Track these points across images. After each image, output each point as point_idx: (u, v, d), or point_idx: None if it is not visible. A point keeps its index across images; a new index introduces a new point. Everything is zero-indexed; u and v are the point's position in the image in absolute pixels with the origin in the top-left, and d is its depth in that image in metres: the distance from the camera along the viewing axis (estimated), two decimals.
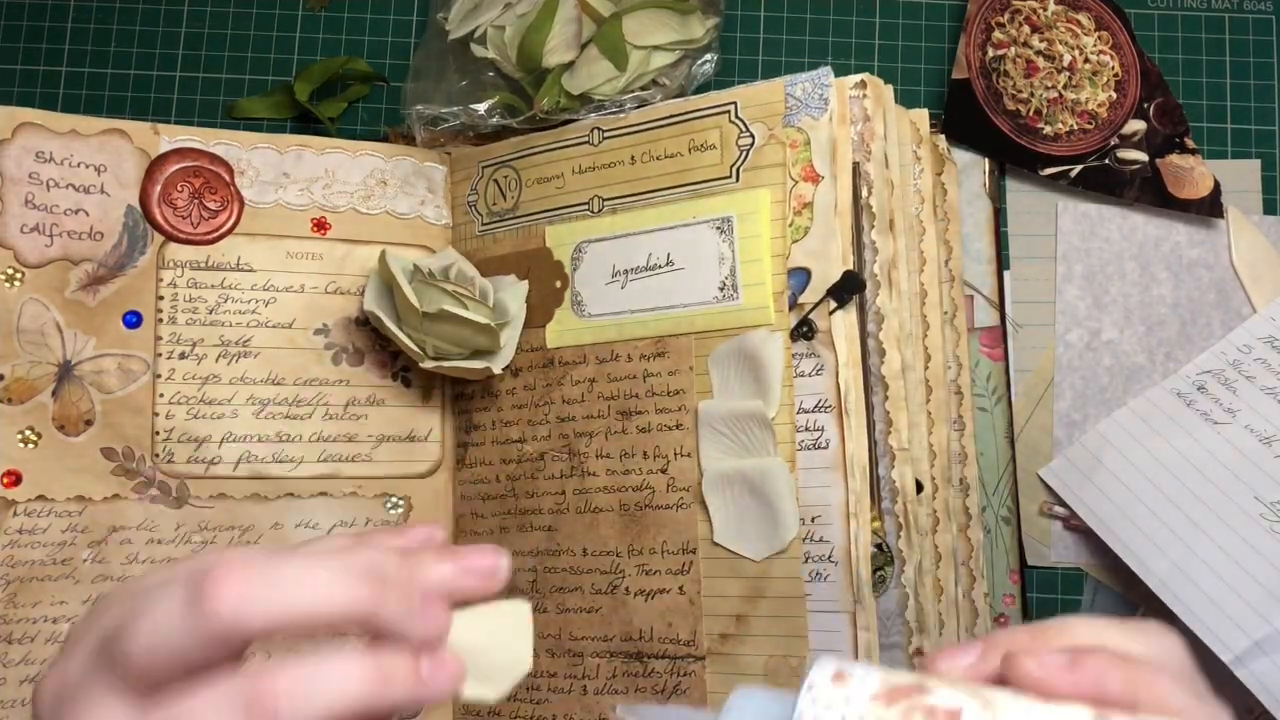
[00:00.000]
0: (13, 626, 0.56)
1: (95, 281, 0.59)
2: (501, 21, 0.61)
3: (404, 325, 0.58)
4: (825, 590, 0.51)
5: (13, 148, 0.58)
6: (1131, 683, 0.31)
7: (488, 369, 0.58)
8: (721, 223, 0.55)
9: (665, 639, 0.54)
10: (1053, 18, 0.64)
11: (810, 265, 0.53)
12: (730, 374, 0.54)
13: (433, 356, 0.58)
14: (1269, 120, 0.65)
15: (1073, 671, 0.31)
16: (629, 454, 0.56)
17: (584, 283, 0.58)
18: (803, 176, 0.54)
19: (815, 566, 0.52)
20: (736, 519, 0.53)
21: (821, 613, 0.52)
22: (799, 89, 0.54)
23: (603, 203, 0.58)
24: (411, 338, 0.57)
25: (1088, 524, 0.59)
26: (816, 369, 0.53)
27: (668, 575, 0.54)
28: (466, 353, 0.59)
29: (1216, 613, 0.54)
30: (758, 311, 0.54)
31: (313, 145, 0.62)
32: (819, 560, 0.52)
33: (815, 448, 0.52)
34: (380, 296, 0.59)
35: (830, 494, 0.52)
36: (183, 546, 0.58)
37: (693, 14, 0.61)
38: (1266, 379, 0.60)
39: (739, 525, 0.53)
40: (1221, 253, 0.63)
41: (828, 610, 0.51)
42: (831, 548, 0.52)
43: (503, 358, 0.59)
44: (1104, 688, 0.31)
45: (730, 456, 0.54)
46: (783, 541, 0.52)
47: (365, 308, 0.58)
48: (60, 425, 0.58)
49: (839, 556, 0.51)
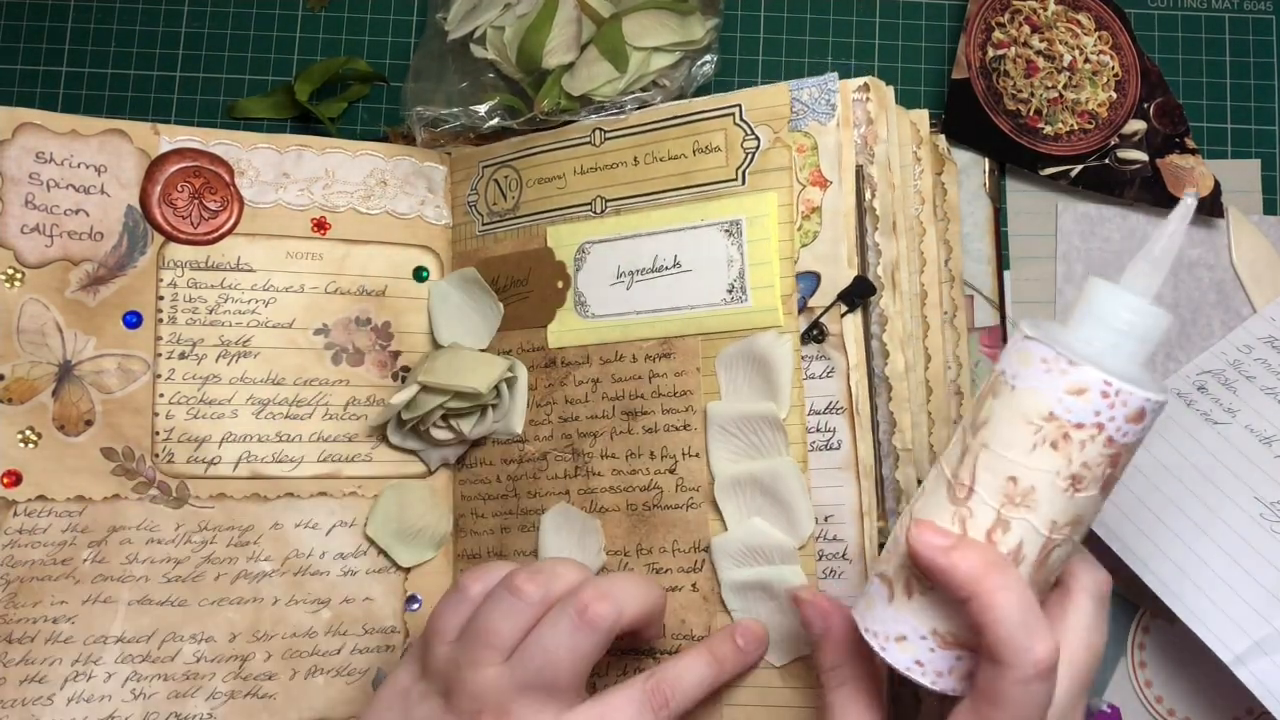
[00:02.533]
0: (13, 626, 0.56)
1: (95, 282, 0.59)
2: (501, 22, 0.61)
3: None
4: (839, 587, 0.52)
5: (13, 148, 0.58)
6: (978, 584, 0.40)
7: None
8: (730, 226, 0.55)
9: (679, 635, 0.54)
10: (1053, 18, 0.64)
11: (819, 269, 0.54)
12: (739, 376, 0.54)
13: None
14: (1269, 120, 0.66)
15: (945, 554, 0.40)
16: (635, 454, 0.56)
17: (587, 283, 0.58)
18: (810, 181, 0.54)
19: (829, 564, 0.52)
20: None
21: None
22: (805, 94, 0.55)
23: (605, 203, 0.58)
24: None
25: None
26: (827, 371, 0.53)
27: (679, 573, 0.55)
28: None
29: (1216, 613, 0.54)
30: (767, 314, 0.54)
31: (312, 145, 0.62)
32: (833, 558, 0.52)
33: (827, 448, 0.53)
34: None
35: (843, 493, 0.52)
36: (183, 547, 0.58)
37: (692, 15, 0.61)
38: (1266, 379, 0.60)
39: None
40: (1221, 253, 0.63)
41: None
42: (845, 546, 0.52)
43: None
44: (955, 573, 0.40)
45: (741, 458, 0.54)
46: (799, 539, 0.52)
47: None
48: (60, 425, 0.58)
49: (853, 554, 0.52)
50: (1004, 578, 0.39)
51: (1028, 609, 0.39)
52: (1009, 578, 0.40)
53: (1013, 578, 0.40)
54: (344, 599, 0.60)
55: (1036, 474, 0.40)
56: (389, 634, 0.60)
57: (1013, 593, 0.39)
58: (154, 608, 0.58)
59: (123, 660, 0.57)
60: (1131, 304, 0.40)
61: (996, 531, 0.41)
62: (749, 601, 0.53)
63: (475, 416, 0.59)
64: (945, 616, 0.42)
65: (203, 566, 0.58)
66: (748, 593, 0.53)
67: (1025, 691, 0.39)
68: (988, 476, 0.41)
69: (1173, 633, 0.60)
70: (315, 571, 0.60)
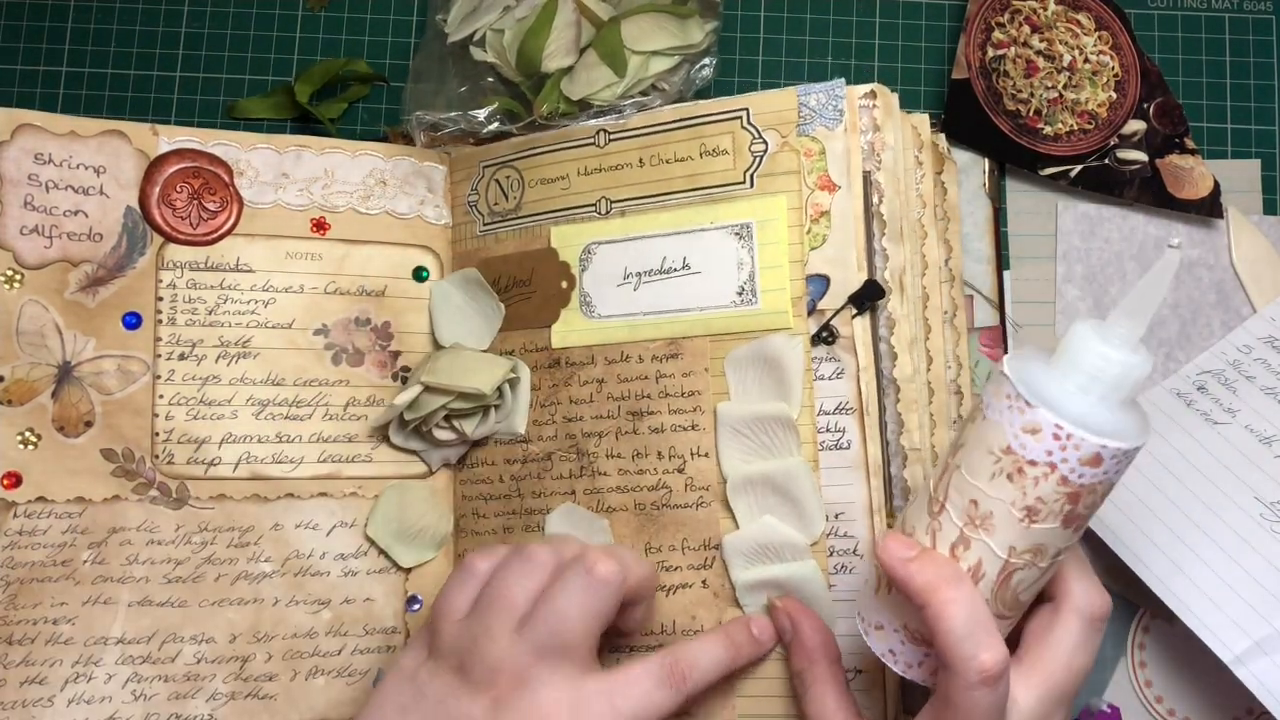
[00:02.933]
0: (13, 628, 0.56)
1: (95, 283, 0.58)
2: (500, 25, 0.61)
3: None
4: (850, 581, 0.53)
5: (12, 149, 0.58)
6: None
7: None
8: (741, 229, 0.55)
9: (689, 631, 0.55)
10: (1053, 18, 0.64)
11: (829, 272, 0.54)
12: (749, 376, 0.55)
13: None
14: (1269, 120, 0.66)
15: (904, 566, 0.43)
16: (642, 454, 0.56)
17: (593, 283, 0.58)
18: (819, 185, 0.55)
19: (840, 560, 0.54)
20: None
21: (846, 601, 0.54)
22: (813, 99, 0.55)
23: (611, 204, 0.58)
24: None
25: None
26: (836, 373, 0.54)
27: (689, 570, 0.55)
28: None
29: (1216, 613, 0.54)
30: (777, 316, 0.54)
31: (312, 145, 0.62)
32: (844, 554, 0.54)
33: (837, 448, 0.54)
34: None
35: (852, 492, 0.53)
36: (183, 547, 0.58)
37: (691, 18, 0.60)
38: (1266, 379, 0.60)
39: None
40: (1221, 253, 0.63)
41: (852, 600, 0.53)
42: (856, 542, 0.53)
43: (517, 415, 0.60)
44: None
45: (753, 458, 0.54)
46: (811, 536, 0.53)
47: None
48: (60, 426, 0.57)
49: (864, 550, 0.53)
50: (956, 591, 0.42)
51: (977, 621, 0.42)
52: (961, 591, 0.42)
53: (965, 591, 0.42)
54: (344, 599, 0.60)
55: (994, 501, 0.42)
56: (390, 634, 0.60)
57: (962, 605, 0.42)
58: (154, 609, 0.57)
59: (123, 661, 0.57)
60: (1105, 352, 0.42)
61: (959, 548, 0.44)
62: (762, 598, 0.54)
63: (478, 417, 0.59)
64: (912, 614, 0.45)
65: (203, 567, 0.58)
66: (760, 590, 0.54)
67: (970, 697, 0.42)
68: (956, 496, 0.44)
69: (1173, 633, 0.60)
70: (316, 572, 0.60)
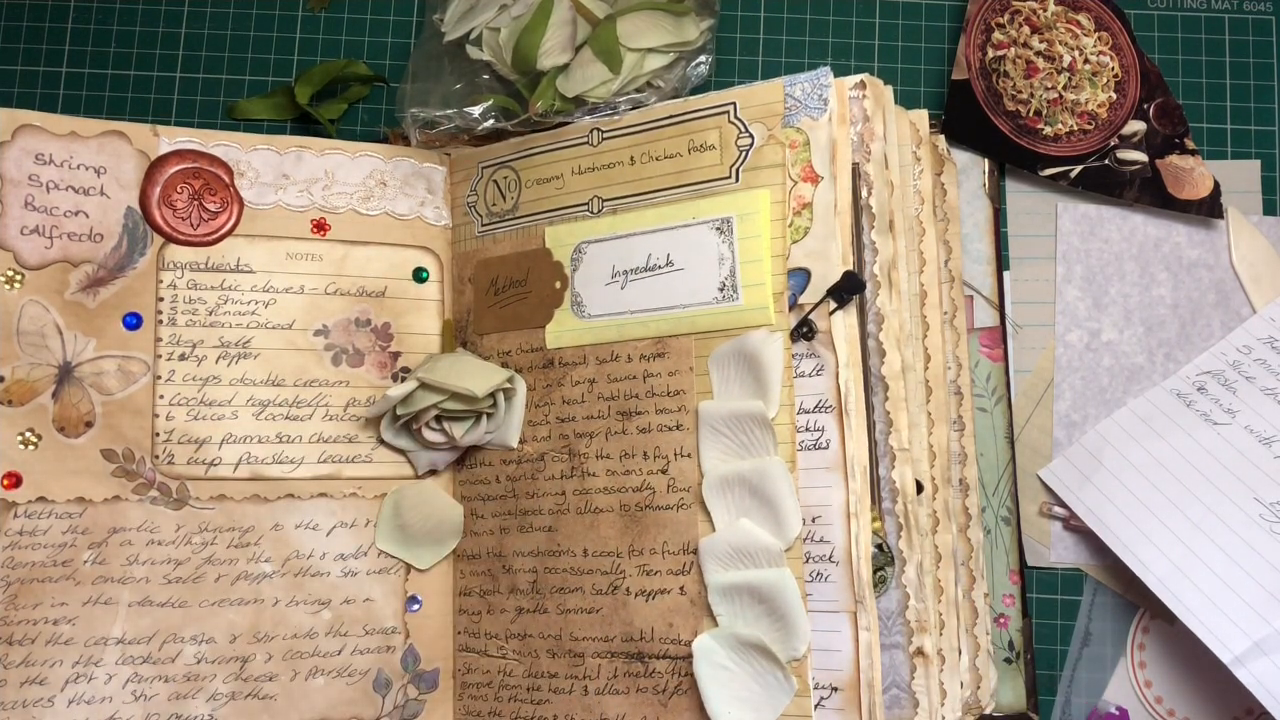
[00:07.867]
0: (13, 628, 0.56)
1: (95, 283, 0.59)
2: (497, 23, 0.61)
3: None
4: (826, 590, 0.52)
5: (12, 150, 0.58)
6: None
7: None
8: (721, 223, 0.55)
9: (667, 639, 0.54)
10: (1053, 18, 0.64)
11: (810, 266, 0.53)
12: (730, 374, 0.54)
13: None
14: (1269, 120, 0.66)
15: None
16: (629, 454, 0.56)
17: (584, 283, 0.58)
18: (802, 177, 0.54)
19: (816, 567, 0.52)
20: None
21: (823, 613, 0.52)
22: (798, 89, 0.54)
23: (602, 203, 0.58)
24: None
25: (1087, 524, 0.59)
26: (817, 369, 0.53)
27: (669, 575, 0.54)
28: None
29: (1216, 613, 0.54)
30: (758, 312, 0.54)
31: (312, 146, 0.62)
32: (820, 560, 0.52)
33: (816, 448, 0.52)
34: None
35: (831, 494, 0.52)
36: (183, 548, 0.58)
37: (687, 16, 0.60)
38: (1266, 379, 0.60)
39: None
40: (1221, 253, 0.63)
41: (829, 610, 0.52)
42: (832, 548, 0.52)
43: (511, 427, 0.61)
44: None
45: (731, 457, 0.54)
46: (786, 541, 0.52)
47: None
48: (60, 427, 0.58)
49: (840, 557, 0.52)
50: None
51: None
52: None
53: None
54: (344, 600, 0.60)
55: None
56: (389, 634, 0.60)
57: None
58: (154, 609, 0.58)
59: (123, 661, 0.57)
60: None
61: None
62: (736, 606, 0.53)
63: (468, 422, 0.59)
64: None
65: (203, 568, 0.58)
66: (734, 596, 0.53)
67: None
68: None
69: (1173, 633, 0.60)
70: (316, 572, 0.60)
